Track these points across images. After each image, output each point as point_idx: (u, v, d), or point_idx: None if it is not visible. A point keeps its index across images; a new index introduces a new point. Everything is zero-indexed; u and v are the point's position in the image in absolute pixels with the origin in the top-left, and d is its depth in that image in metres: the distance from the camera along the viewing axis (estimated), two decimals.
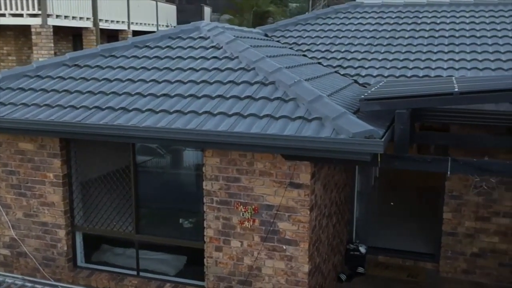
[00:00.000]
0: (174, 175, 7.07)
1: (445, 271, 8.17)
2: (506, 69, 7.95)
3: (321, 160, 5.68)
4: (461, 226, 7.99)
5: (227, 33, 7.70)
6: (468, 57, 8.51)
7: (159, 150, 6.94)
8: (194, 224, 6.59)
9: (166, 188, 6.94)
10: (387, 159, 5.38)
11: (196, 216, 6.51)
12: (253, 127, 5.39)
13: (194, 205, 6.52)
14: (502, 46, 8.74)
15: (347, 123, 5.12)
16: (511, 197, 7.71)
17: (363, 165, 6.38)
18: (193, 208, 6.61)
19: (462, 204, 7.92)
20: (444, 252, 8.13)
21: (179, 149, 6.71)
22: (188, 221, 6.78)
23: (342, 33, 10.12)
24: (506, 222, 7.80)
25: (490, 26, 9.60)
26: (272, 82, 6.19)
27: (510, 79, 6.06)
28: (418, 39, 9.46)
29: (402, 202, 11.16)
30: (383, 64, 8.63)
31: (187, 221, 6.80)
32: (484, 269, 7.98)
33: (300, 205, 5.92)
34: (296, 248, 6.03)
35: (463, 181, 7.84)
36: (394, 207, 10.77)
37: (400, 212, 10.60)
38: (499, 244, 7.86)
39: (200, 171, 6.29)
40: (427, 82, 6.70)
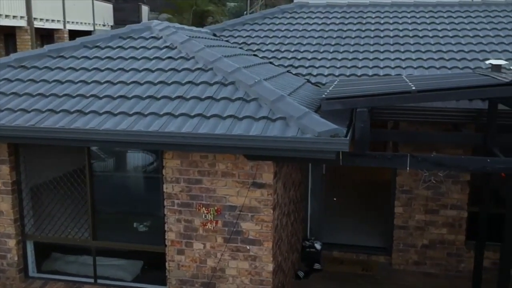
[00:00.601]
0: (132, 178, 6.90)
1: (398, 264, 8.45)
2: (449, 67, 8.31)
3: (285, 160, 5.74)
4: (412, 219, 8.28)
5: (180, 32, 7.60)
6: (414, 56, 8.82)
7: (116, 153, 6.75)
8: (155, 228, 6.46)
9: (124, 192, 6.77)
10: (349, 157, 5.49)
11: (157, 220, 6.38)
12: (217, 128, 5.35)
13: (155, 209, 6.40)
14: (444, 46, 9.13)
15: (312, 122, 5.18)
16: (457, 190, 8.06)
17: (326, 163, 6.47)
18: (153, 212, 6.48)
19: (413, 198, 8.21)
20: (396, 245, 8.41)
21: (138, 151, 6.55)
22: (148, 225, 6.64)
23: (290, 32, 10.23)
24: (453, 214, 8.15)
25: (431, 26, 10.00)
26: (232, 82, 6.17)
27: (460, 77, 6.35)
28: (364, 38, 9.71)
29: (349, 197, 11.45)
30: (333, 63, 8.80)
31: (147, 225, 6.66)
32: (434, 260, 8.31)
33: (263, 204, 5.94)
34: (260, 248, 6.05)
35: (413, 176, 8.13)
36: (344, 203, 11.02)
37: (350, 208, 10.87)
38: (447, 235, 8.22)
39: (160, 174, 6.18)
40: (381, 81, 6.89)
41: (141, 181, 6.87)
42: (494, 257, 7.88)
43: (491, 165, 5.35)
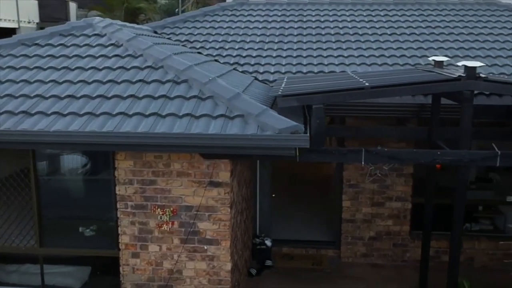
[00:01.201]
0: (82, 181, 6.63)
1: (346, 256, 8.64)
2: (390, 64, 8.55)
3: (243, 158, 5.71)
4: (359, 213, 8.49)
5: (125, 30, 7.38)
6: (355, 53, 9.00)
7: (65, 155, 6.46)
8: (107, 232, 6.25)
9: (73, 195, 6.52)
10: (306, 152, 5.52)
11: (109, 223, 6.17)
12: (175, 127, 5.23)
13: (107, 212, 6.18)
14: (383, 43, 9.39)
15: (271, 119, 5.18)
16: (401, 182, 8.36)
17: (284, 159, 6.45)
18: (105, 215, 6.26)
19: (359, 192, 8.42)
20: (345, 238, 8.60)
21: (86, 152, 6.30)
22: (100, 229, 6.41)
23: (233, 30, 10.19)
24: (398, 206, 8.44)
25: (369, 24, 10.28)
26: (185, 80, 6.06)
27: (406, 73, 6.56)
28: (306, 36, 9.82)
29: (294, 193, 11.59)
30: (278, 61, 8.83)
31: (98, 229, 6.43)
32: (381, 251, 8.57)
33: (220, 203, 5.90)
34: (217, 247, 6.00)
35: (359, 170, 8.33)
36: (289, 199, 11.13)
37: (295, 203, 11.01)
38: (393, 226, 8.50)
39: (112, 176, 5.98)
40: (331, 77, 7.01)
41: (91, 184, 6.61)
42: (437, 246, 8.24)
43: (440, 157, 5.56)
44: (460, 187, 5.77)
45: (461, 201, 5.79)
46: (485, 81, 5.43)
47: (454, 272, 5.94)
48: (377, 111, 7.51)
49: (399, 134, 7.43)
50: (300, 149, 5.39)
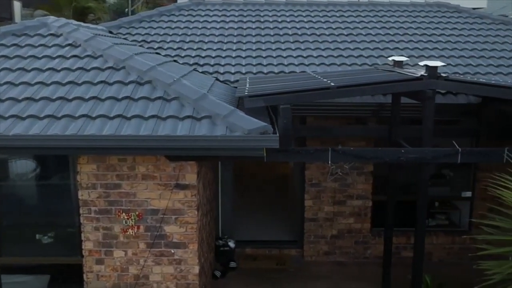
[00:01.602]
0: (42, 187, 6.37)
1: (309, 255, 8.71)
2: (349, 64, 8.69)
3: (211, 159, 5.64)
4: (321, 211, 8.57)
5: (82, 30, 7.17)
6: (314, 53, 9.10)
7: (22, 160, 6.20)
8: (70, 238, 6.04)
9: (32, 202, 6.25)
10: (273, 153, 5.51)
11: (72, 229, 5.97)
12: (141, 129, 5.11)
13: (69, 218, 5.99)
14: (341, 43, 9.53)
15: (240, 120, 5.14)
16: (362, 180, 8.49)
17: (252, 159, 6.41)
18: (67, 221, 6.06)
19: (321, 191, 8.50)
20: (307, 237, 8.66)
21: (47, 157, 6.07)
22: (62, 236, 6.19)
23: (190, 30, 10.09)
24: (359, 204, 8.57)
25: (326, 24, 10.41)
26: (148, 81, 5.93)
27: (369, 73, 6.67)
28: (264, 36, 9.84)
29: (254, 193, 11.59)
30: (238, 61, 8.81)
31: (60, 235, 6.21)
32: (343, 249, 8.68)
33: (187, 206, 5.82)
34: (185, 251, 5.91)
35: (321, 170, 8.41)
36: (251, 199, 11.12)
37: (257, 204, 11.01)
38: (354, 224, 8.62)
39: (74, 180, 5.79)
40: (294, 77, 7.04)
41: (52, 189, 6.36)
42: (396, 242, 8.38)
43: (404, 155, 5.67)
44: (423, 184, 5.91)
45: (424, 198, 5.94)
46: (446, 80, 5.59)
47: (418, 267, 6.08)
48: (336, 111, 7.59)
49: (361, 133, 7.55)
50: (268, 149, 5.37)
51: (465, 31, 10.10)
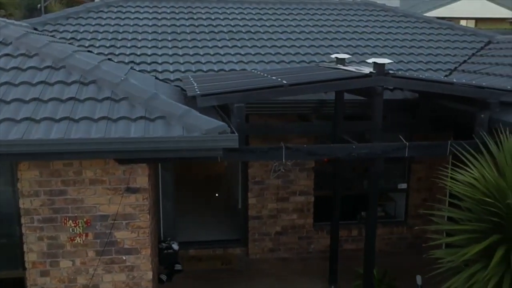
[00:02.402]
0: None
1: (254, 253, 8.69)
2: (287, 62, 8.72)
3: (164, 160, 5.46)
4: (265, 209, 8.58)
5: (12, 26, 6.70)
6: (252, 51, 9.05)
7: None
8: (10, 250, 5.63)
9: None
10: (228, 152, 5.43)
11: (12, 241, 5.56)
12: (92, 131, 4.85)
13: (9, 228, 5.57)
14: (276, 41, 9.56)
15: (197, 120, 5.01)
16: (304, 177, 8.58)
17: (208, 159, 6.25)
18: (7, 232, 5.63)
19: (265, 189, 8.50)
20: (252, 235, 8.64)
21: None
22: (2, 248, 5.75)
23: (122, 27, 9.73)
24: (302, 200, 8.66)
25: (260, 22, 10.40)
26: (93, 81, 5.64)
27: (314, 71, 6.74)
28: (199, 34, 9.68)
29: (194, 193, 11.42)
30: (176, 59, 8.60)
31: None
32: (287, 245, 8.74)
33: (139, 210, 5.61)
34: (137, 257, 5.71)
35: (264, 167, 8.41)
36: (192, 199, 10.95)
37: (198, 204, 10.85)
38: (297, 220, 8.71)
39: (14, 188, 5.40)
40: (240, 75, 6.97)
41: None
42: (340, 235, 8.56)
43: (356, 151, 5.80)
44: (374, 178, 6.06)
45: (376, 191, 6.09)
46: (393, 77, 5.76)
47: (370, 259, 6.23)
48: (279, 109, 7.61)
49: (305, 130, 7.62)
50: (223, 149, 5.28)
51: (393, 29, 10.47)
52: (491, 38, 10.20)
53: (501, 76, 7.57)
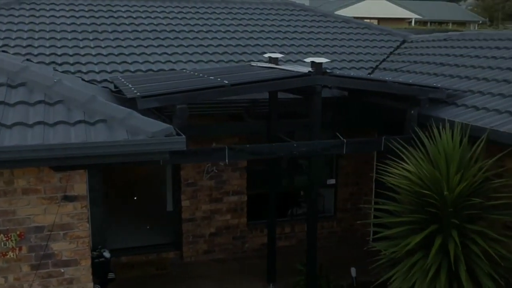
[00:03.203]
0: None
1: (189, 256, 8.56)
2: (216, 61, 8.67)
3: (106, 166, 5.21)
4: (199, 211, 8.48)
5: None
6: (179, 50, 8.91)
7: None
8: None
9: None
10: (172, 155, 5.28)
11: None
12: (28, 138, 4.51)
13: None
14: (203, 40, 9.47)
15: (141, 123, 4.82)
16: (237, 176, 8.58)
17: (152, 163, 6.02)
18: None
19: (198, 190, 8.40)
20: (186, 238, 8.50)
21: None
22: None
23: (37, 26, 9.19)
24: (235, 200, 8.65)
25: (183, 21, 10.25)
26: (22, 83, 5.27)
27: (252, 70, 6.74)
28: (122, 33, 9.37)
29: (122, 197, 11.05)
30: (100, 59, 8.27)
31: None
32: (222, 246, 8.69)
33: (77, 219, 5.31)
34: (77, 268, 5.40)
35: (196, 168, 8.30)
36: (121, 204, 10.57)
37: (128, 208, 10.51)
38: (231, 220, 8.69)
39: None
40: (176, 76, 6.82)
41: None
42: None
43: (297, 149, 5.86)
44: (314, 174, 6.16)
45: (316, 187, 6.21)
46: (331, 76, 5.89)
47: (312, 254, 6.34)
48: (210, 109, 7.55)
49: (240, 130, 7.61)
50: None
51: (314, 29, 10.73)
52: (405, 38, 10.73)
53: (421, 74, 8.00)
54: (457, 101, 6.37)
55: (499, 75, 6.77)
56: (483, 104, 6.03)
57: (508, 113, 5.57)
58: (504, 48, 7.81)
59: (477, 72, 7.20)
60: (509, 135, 5.07)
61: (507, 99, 5.99)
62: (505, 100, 5.95)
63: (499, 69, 7.04)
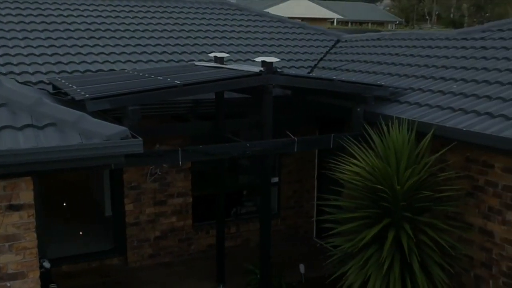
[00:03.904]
0: None
1: (134, 261, 8.32)
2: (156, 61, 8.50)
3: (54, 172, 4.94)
4: (143, 214, 8.26)
5: None
6: (116, 50, 8.65)
7: None
8: None
9: None
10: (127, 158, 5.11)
11: None
12: None
13: None
14: (140, 40, 9.23)
15: (95, 126, 4.62)
16: (181, 178, 8.43)
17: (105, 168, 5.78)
18: None
19: (141, 193, 8.18)
20: (130, 243, 8.25)
21: None
22: None
23: None
24: (180, 202, 8.50)
25: (117, 20, 9.94)
26: None
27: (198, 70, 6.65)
28: (54, 32, 8.96)
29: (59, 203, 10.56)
30: (33, 60, 7.86)
31: None
32: (167, 249, 8.52)
33: (24, 229, 5.01)
34: (24, 281, 5.09)
35: (139, 171, 8.08)
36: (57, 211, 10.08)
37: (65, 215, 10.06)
38: (177, 222, 8.53)
39: None
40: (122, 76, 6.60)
41: None
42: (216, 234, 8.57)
43: (250, 148, 5.84)
44: (266, 174, 6.18)
45: (267, 187, 6.21)
46: (282, 75, 5.92)
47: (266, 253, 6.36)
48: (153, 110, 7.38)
49: (188, 130, 7.51)
50: None
51: (251, 28, 10.77)
52: (339, 37, 11.00)
53: (361, 72, 8.24)
54: (400, 98, 6.61)
55: (435, 73, 7.09)
56: (425, 101, 6.29)
57: (450, 109, 5.85)
58: (436, 47, 8.19)
59: (414, 70, 7.50)
60: (455, 130, 5.32)
61: (447, 95, 6.28)
62: (446, 97, 6.23)
63: (434, 67, 7.37)
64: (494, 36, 7.75)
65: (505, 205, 5.51)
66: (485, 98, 5.85)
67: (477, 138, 5.14)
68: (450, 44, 8.11)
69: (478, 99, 5.90)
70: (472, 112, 5.60)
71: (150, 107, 7.13)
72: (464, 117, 5.57)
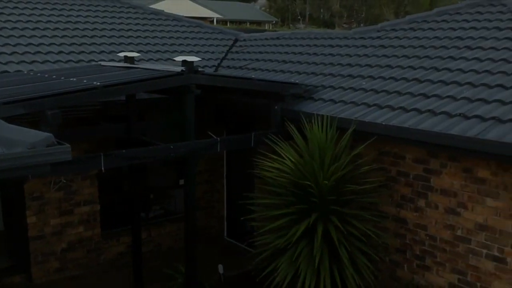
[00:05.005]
0: None
1: (39, 277, 7.70)
2: (53, 61, 7.95)
3: None
4: (48, 226, 7.69)
5: None
6: (6, 50, 7.96)
7: None
8: None
9: None
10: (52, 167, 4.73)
11: None
12: None
13: None
14: (31, 39, 8.57)
15: (14, 133, 4.20)
16: (87, 185, 7.97)
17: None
18: None
19: (45, 204, 7.61)
20: (34, 257, 7.64)
21: None
22: None
23: None
24: (87, 210, 8.03)
25: (2, 17, 9.16)
26: None
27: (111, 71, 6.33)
28: None
29: None
30: None
31: None
32: (76, 261, 8.00)
33: None
34: None
35: (42, 180, 7.51)
36: None
37: None
38: (84, 232, 8.05)
39: None
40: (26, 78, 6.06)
41: None
42: (129, 241, 8.23)
43: (174, 150, 5.67)
44: (191, 175, 6.05)
45: (193, 188, 6.09)
46: (203, 75, 5.82)
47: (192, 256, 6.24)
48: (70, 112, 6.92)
49: (98, 133, 7.11)
50: None
51: (148, 27, 10.47)
52: (237, 36, 11.08)
53: (267, 71, 8.36)
54: (314, 95, 6.81)
55: (343, 71, 7.41)
56: (339, 97, 6.54)
57: (365, 105, 6.15)
58: (337, 46, 8.57)
59: (321, 68, 7.77)
60: (375, 124, 5.60)
61: (358, 91, 6.59)
62: (358, 93, 6.54)
63: (340, 65, 7.70)
64: (389, 35, 8.27)
65: (417, 193, 5.91)
66: (395, 93, 6.22)
67: (396, 132, 5.45)
68: (350, 43, 8.52)
69: (388, 94, 6.26)
70: (387, 107, 5.93)
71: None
72: (380, 112, 5.89)
